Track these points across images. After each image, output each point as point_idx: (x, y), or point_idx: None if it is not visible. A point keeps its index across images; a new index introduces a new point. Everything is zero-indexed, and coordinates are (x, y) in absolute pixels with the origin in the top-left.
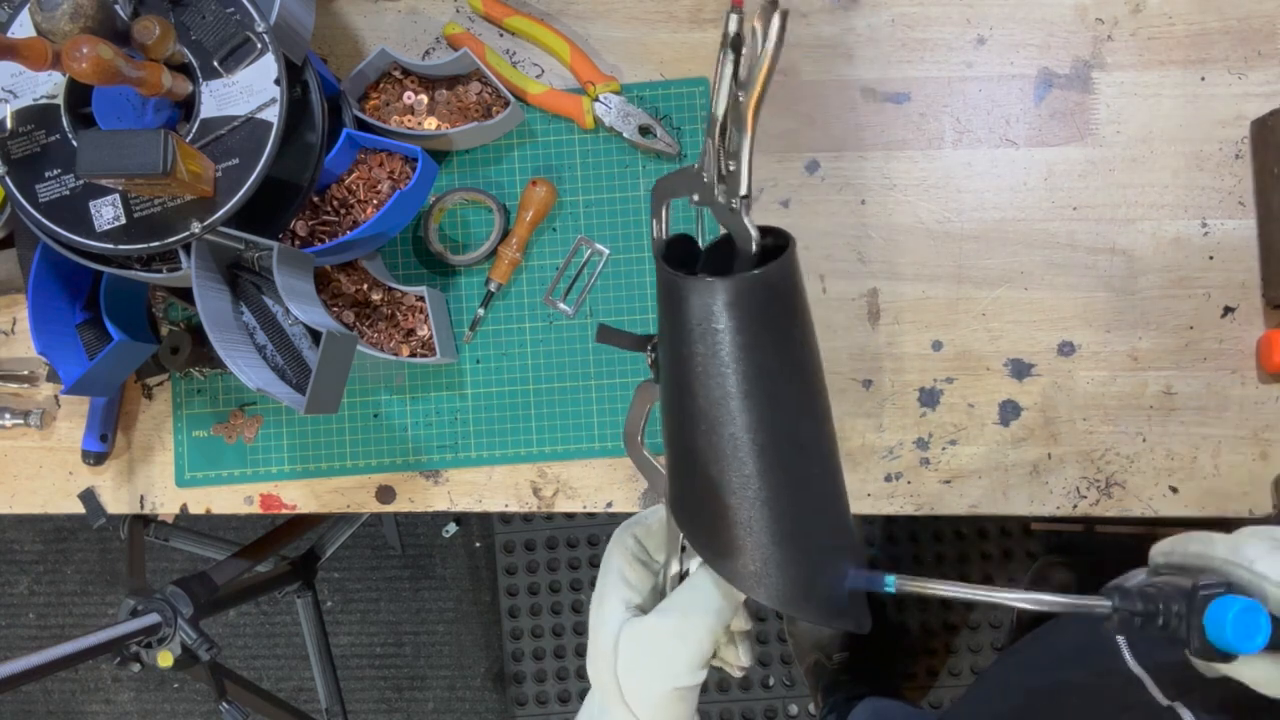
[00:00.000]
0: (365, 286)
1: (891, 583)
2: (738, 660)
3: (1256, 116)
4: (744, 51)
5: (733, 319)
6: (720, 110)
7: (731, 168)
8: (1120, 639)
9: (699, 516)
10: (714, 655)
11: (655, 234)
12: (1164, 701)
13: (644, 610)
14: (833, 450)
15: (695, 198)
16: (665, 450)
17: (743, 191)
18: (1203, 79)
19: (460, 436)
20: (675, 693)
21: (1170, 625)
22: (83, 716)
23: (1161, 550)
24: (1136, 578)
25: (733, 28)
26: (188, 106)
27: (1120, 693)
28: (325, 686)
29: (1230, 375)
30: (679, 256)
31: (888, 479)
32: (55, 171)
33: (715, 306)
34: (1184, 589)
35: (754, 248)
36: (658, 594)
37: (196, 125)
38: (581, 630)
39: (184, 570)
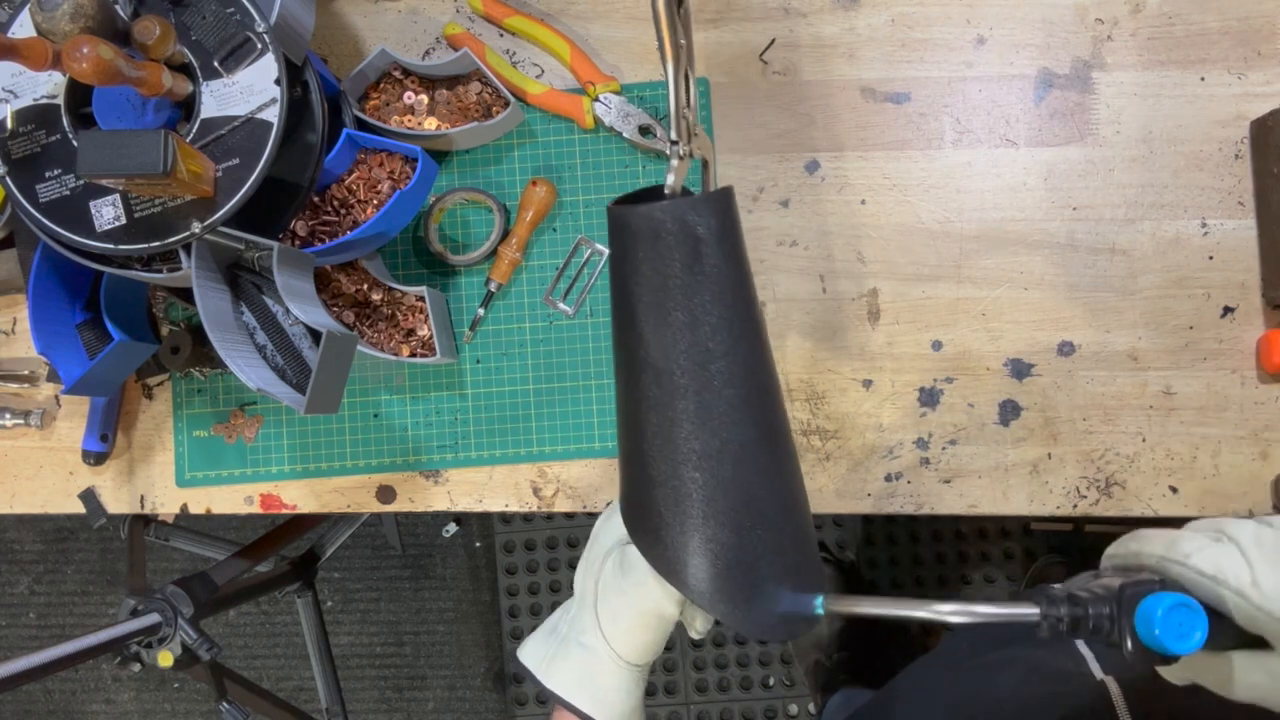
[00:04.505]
0: (365, 286)
1: (820, 604)
2: (696, 624)
3: (1256, 116)
4: None
5: (632, 246)
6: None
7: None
8: None
9: (633, 497)
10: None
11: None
12: (1098, 676)
13: None
14: (774, 446)
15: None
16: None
17: (671, 136)
18: (1202, 79)
19: (460, 436)
20: (643, 617)
21: (1101, 629)
22: (83, 716)
23: (1108, 552)
24: (1081, 580)
25: None
26: (188, 106)
27: (1060, 668)
28: (325, 686)
29: (1230, 375)
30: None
31: (888, 479)
32: (55, 171)
33: (620, 230)
34: (1113, 589)
35: (665, 189)
36: None
37: (197, 125)
38: None
39: (184, 570)
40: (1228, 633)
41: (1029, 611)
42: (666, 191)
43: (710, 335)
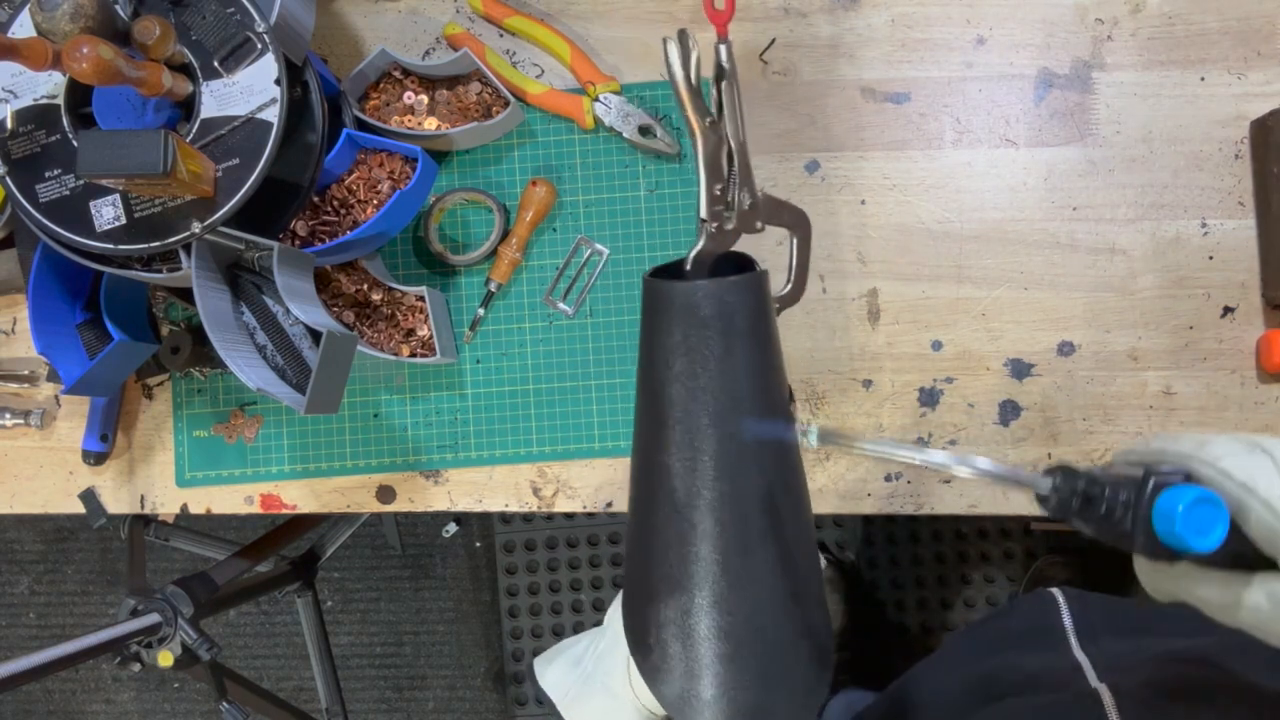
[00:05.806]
0: (365, 286)
1: (815, 432)
2: None
3: (1256, 116)
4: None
5: (658, 321)
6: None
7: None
8: (1068, 624)
9: (635, 620)
10: None
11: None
12: (1093, 684)
13: None
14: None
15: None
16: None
17: (701, 214)
18: (1202, 79)
19: (460, 436)
20: None
21: (1113, 513)
22: (83, 716)
23: (1126, 448)
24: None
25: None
26: (188, 106)
27: (1056, 674)
28: (325, 686)
29: (1230, 375)
30: None
31: (888, 479)
32: (55, 171)
33: (650, 305)
34: (1135, 478)
35: (687, 264)
36: None
37: (197, 125)
38: (580, 629)
39: (184, 570)
40: (1237, 548)
41: (1041, 480)
42: (686, 266)
43: (738, 418)
